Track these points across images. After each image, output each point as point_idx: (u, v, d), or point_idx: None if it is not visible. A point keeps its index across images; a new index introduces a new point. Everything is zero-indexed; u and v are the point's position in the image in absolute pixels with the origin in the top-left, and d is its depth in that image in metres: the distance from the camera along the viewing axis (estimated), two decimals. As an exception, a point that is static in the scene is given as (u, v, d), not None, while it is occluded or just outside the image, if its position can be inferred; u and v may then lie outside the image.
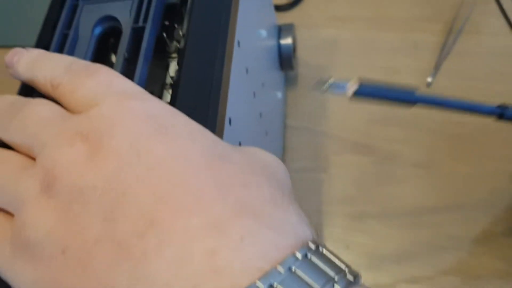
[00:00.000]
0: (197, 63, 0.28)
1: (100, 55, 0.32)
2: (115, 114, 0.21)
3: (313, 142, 0.59)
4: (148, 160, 0.20)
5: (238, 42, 0.34)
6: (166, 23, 0.33)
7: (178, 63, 0.28)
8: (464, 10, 0.66)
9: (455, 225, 0.51)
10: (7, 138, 0.24)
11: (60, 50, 0.31)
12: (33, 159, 0.23)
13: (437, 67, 0.62)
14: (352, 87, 0.28)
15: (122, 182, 0.19)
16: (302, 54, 0.66)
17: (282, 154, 0.59)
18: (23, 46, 0.27)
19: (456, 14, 0.65)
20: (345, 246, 0.52)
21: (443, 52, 0.63)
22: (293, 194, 0.23)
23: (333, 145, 0.59)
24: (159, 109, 0.23)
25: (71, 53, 0.30)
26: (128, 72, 0.29)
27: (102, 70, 0.24)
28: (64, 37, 0.31)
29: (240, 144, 0.34)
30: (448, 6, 0.67)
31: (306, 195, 0.56)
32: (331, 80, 0.27)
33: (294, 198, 0.23)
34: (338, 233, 0.53)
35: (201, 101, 0.27)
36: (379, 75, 0.63)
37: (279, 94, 0.55)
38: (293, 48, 0.59)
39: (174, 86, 0.27)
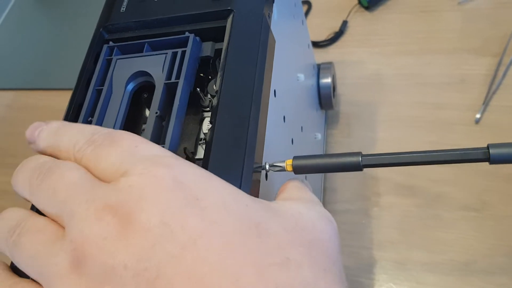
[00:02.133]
0: (230, 122, 0.27)
1: (134, 110, 0.32)
2: (143, 184, 0.20)
3: (354, 183, 0.57)
4: (181, 237, 0.19)
5: (274, 92, 0.33)
6: (201, 75, 0.33)
7: (211, 121, 0.27)
8: (513, 42, 0.63)
9: (509, 274, 0.48)
10: (35, 202, 0.23)
11: (94, 106, 0.30)
12: (61, 225, 0.22)
13: (486, 102, 0.59)
14: (288, 166, 0.28)
15: (155, 262, 0.18)
16: (343, 92, 0.65)
17: (322, 196, 0.57)
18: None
19: (505, 46, 0.62)
20: (389, 295, 0.49)
21: (492, 86, 0.60)
22: (340, 260, 0.22)
23: (376, 186, 0.57)
24: (188, 175, 0.21)
25: (104, 109, 0.30)
26: (160, 128, 0.29)
27: (124, 136, 0.23)
28: (98, 92, 0.31)
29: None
30: (497, 38, 0.64)
31: (346, 239, 0.54)
32: (269, 163, 0.28)
33: (339, 270, 0.21)
34: (381, 280, 0.51)
35: (235, 159, 0.26)
36: (424, 112, 0.61)
37: (319, 135, 0.54)
38: (333, 87, 0.58)
39: (207, 144, 0.26)
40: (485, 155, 0.28)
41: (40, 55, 0.85)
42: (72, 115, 0.30)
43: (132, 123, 0.32)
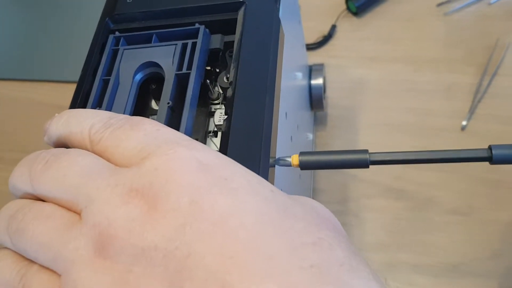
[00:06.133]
0: (246, 113, 0.26)
1: (140, 101, 0.32)
2: (169, 166, 0.20)
3: (343, 184, 0.58)
4: (212, 215, 0.18)
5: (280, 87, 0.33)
6: (208, 68, 0.33)
7: (226, 112, 0.27)
8: (498, 53, 0.64)
9: (496, 276, 0.49)
10: (38, 188, 0.22)
11: (101, 96, 0.30)
12: (72, 211, 0.21)
13: (471, 110, 0.60)
14: (294, 161, 0.29)
15: (186, 241, 0.18)
16: (331, 95, 0.65)
17: (312, 196, 0.57)
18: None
19: (489, 56, 0.64)
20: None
21: (477, 95, 0.62)
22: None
23: (365, 188, 0.57)
24: (211, 157, 0.21)
25: (112, 99, 0.29)
26: (171, 120, 0.28)
27: (145, 120, 0.23)
28: (105, 83, 0.30)
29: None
30: (481, 48, 0.65)
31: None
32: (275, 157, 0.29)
33: (358, 253, 0.21)
34: (372, 282, 0.51)
35: (253, 151, 0.26)
36: (411, 118, 0.61)
37: (310, 136, 0.54)
38: (324, 88, 0.58)
39: (224, 135, 0.26)
40: (488, 155, 0.29)
41: (13, 44, 0.81)
42: (79, 105, 0.30)
43: (138, 114, 0.32)
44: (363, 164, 0.30)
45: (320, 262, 0.18)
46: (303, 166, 0.30)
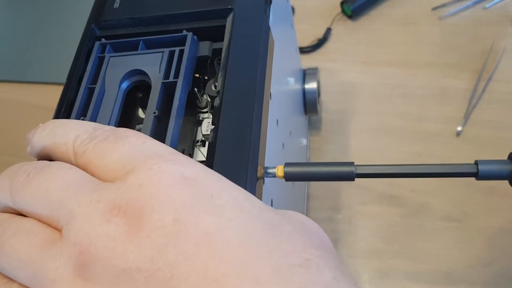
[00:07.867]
0: (234, 123, 0.26)
1: (126, 110, 0.31)
2: (153, 181, 0.19)
3: (337, 190, 0.57)
4: (197, 234, 0.18)
5: (270, 94, 0.33)
6: (196, 75, 0.32)
7: (213, 122, 0.26)
8: (493, 58, 0.64)
9: (489, 283, 0.49)
10: (19, 202, 0.21)
11: (86, 104, 0.29)
12: (53, 227, 0.21)
13: (466, 116, 0.60)
14: (279, 172, 0.28)
15: (169, 261, 0.17)
16: (326, 99, 0.65)
17: (306, 203, 0.56)
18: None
19: (484, 61, 0.64)
20: (373, 305, 0.49)
21: (472, 100, 0.61)
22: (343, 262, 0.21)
23: (359, 195, 0.56)
24: (197, 172, 0.20)
25: (97, 108, 0.29)
26: (158, 129, 0.28)
27: (131, 133, 0.22)
28: (90, 91, 0.29)
29: (272, 201, 0.32)
30: (475, 53, 0.65)
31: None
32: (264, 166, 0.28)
33: (350, 273, 0.20)
34: (365, 289, 0.50)
35: (240, 162, 0.25)
36: (406, 123, 0.61)
37: (304, 141, 0.54)
38: (318, 92, 0.58)
39: (211, 146, 0.25)
40: (474, 171, 0.28)
41: (4, 46, 0.80)
42: (63, 114, 0.29)
43: (124, 123, 0.31)
44: (349, 177, 0.29)
45: (306, 284, 0.17)
46: (288, 177, 0.29)
